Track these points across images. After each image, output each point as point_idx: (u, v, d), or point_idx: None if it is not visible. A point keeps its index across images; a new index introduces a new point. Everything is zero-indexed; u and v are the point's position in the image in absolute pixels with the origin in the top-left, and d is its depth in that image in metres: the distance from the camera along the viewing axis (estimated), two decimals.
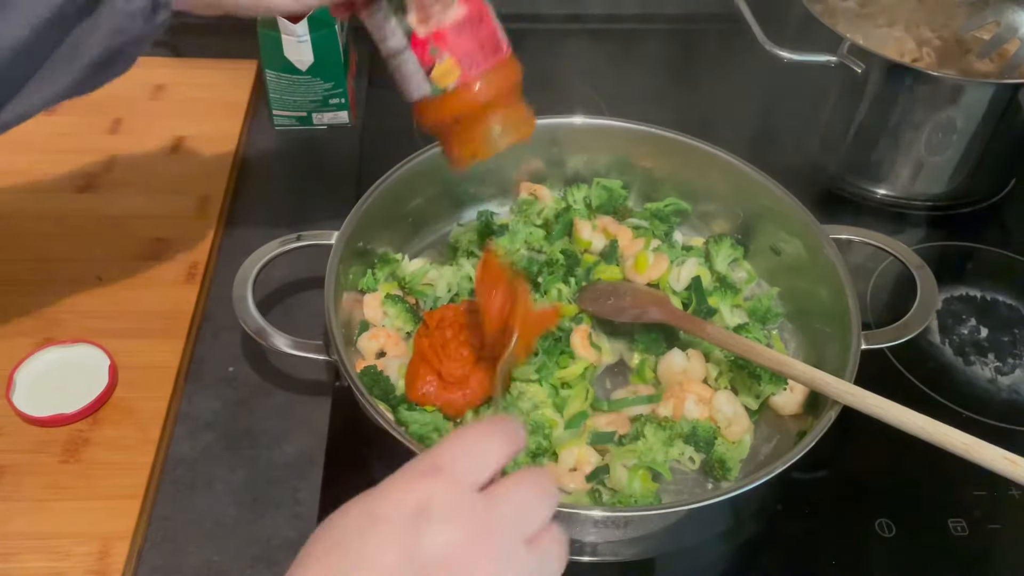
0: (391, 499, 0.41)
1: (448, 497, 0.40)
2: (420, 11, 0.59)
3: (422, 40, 0.59)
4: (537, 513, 0.44)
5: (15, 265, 0.85)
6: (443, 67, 0.59)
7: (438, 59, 0.59)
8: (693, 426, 0.74)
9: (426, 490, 0.40)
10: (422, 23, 0.59)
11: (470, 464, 0.43)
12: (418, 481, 0.41)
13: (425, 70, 0.60)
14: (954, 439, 0.62)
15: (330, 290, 0.74)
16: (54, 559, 0.65)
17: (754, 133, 1.11)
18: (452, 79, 0.60)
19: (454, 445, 0.43)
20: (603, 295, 0.84)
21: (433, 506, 0.40)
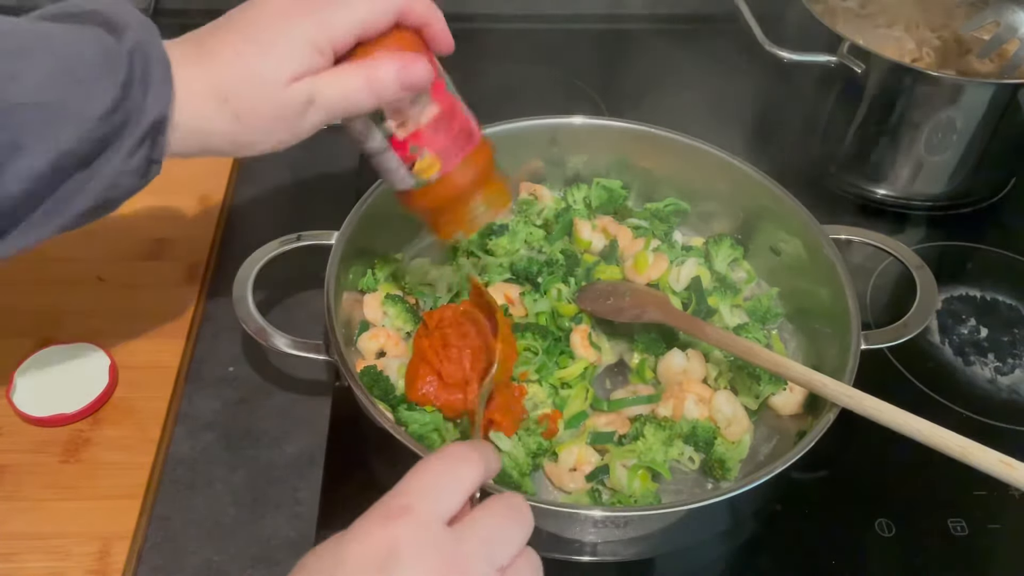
0: (360, 544, 0.41)
1: (416, 539, 0.41)
2: (397, 116, 0.61)
3: (402, 142, 0.62)
4: (508, 542, 0.44)
5: (15, 265, 0.84)
6: (424, 162, 0.62)
7: (419, 157, 0.62)
8: (693, 426, 0.74)
9: (393, 533, 0.41)
10: (400, 127, 0.61)
11: (438, 498, 0.43)
12: (386, 525, 0.41)
13: (407, 166, 0.63)
14: (950, 442, 0.62)
15: (330, 290, 0.74)
16: (54, 559, 0.65)
17: (754, 133, 1.11)
18: (434, 171, 0.63)
19: (422, 478, 0.44)
20: (603, 295, 0.84)
21: (401, 550, 0.40)
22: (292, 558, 0.67)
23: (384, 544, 0.40)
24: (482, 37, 1.21)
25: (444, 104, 0.62)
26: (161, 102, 0.54)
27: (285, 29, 0.56)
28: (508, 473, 0.70)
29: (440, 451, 0.46)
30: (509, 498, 0.45)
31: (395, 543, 0.40)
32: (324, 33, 0.56)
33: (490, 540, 0.43)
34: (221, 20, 0.59)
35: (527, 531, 0.45)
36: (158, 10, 1.17)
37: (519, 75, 1.16)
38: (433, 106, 0.61)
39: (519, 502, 0.45)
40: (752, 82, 1.12)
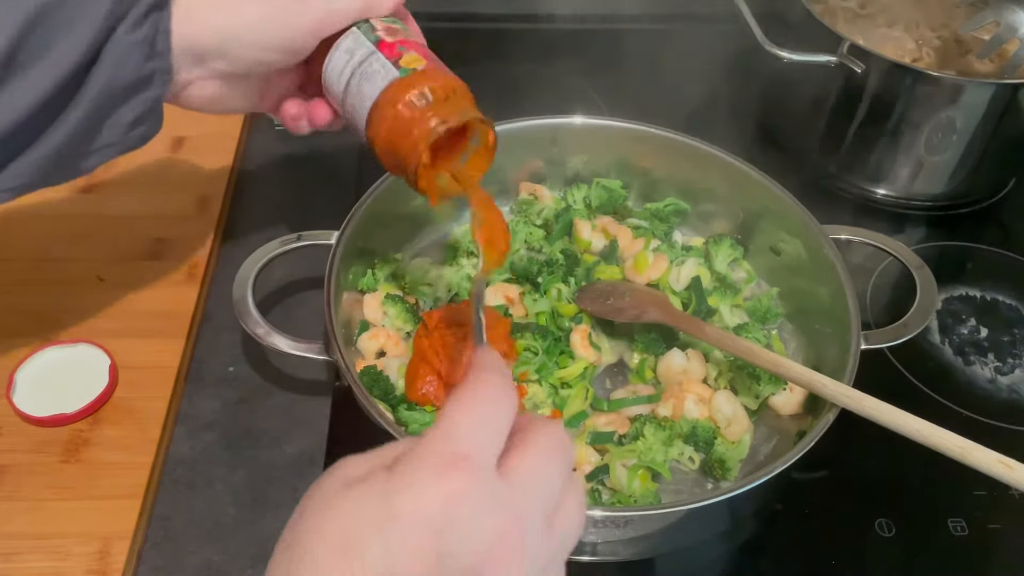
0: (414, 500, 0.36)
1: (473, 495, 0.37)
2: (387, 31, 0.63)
3: (390, 43, 0.62)
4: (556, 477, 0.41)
5: (15, 265, 0.85)
6: (410, 57, 0.62)
7: (405, 52, 0.62)
8: (693, 426, 0.74)
9: (451, 486, 0.36)
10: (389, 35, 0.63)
11: (489, 441, 0.39)
12: (442, 475, 0.37)
13: (392, 61, 0.62)
14: (949, 442, 0.62)
15: (330, 290, 0.74)
16: (54, 559, 0.65)
17: (754, 133, 1.11)
18: (420, 64, 0.62)
19: (471, 418, 0.40)
20: (602, 295, 0.84)
21: (459, 509, 0.36)
22: None
23: (440, 501, 0.36)
24: (482, 37, 1.21)
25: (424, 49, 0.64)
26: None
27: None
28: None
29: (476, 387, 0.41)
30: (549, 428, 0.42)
31: (452, 500, 0.36)
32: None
33: (539, 486, 0.40)
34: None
35: (570, 459, 0.42)
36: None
37: (519, 75, 1.16)
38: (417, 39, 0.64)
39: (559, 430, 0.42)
40: (752, 82, 1.12)
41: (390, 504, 0.36)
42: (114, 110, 0.60)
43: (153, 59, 0.59)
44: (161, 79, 0.60)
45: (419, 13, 0.71)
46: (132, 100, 0.60)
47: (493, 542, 0.37)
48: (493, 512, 0.37)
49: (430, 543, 0.35)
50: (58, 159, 0.59)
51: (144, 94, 0.60)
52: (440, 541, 0.36)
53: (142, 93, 0.60)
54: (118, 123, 0.61)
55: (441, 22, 1.20)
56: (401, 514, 0.36)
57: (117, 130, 0.61)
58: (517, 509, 0.38)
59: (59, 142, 0.58)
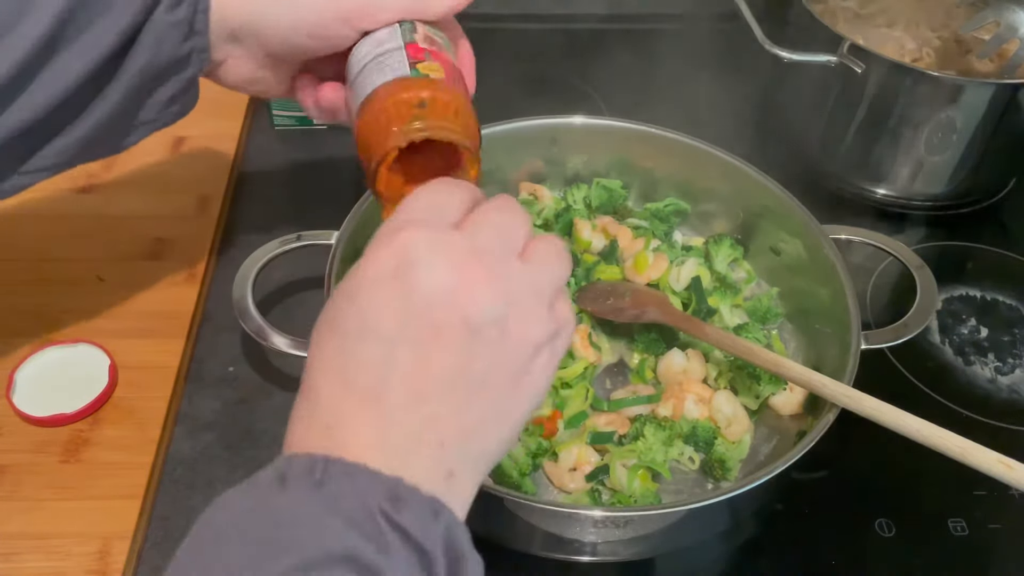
0: (371, 263, 0.40)
1: (426, 240, 0.40)
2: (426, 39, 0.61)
3: (421, 47, 0.60)
4: (518, 229, 0.43)
5: (15, 265, 0.85)
6: (432, 65, 0.59)
7: (428, 59, 0.60)
8: (693, 426, 0.74)
9: (403, 242, 0.40)
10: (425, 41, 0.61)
11: (441, 210, 0.42)
12: (392, 237, 0.40)
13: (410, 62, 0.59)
14: (949, 442, 0.62)
15: (330, 290, 0.74)
16: (54, 559, 0.65)
17: (754, 133, 1.11)
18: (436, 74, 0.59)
19: (419, 198, 0.43)
20: (602, 295, 0.84)
21: (414, 253, 0.39)
22: None
23: (395, 253, 0.39)
24: (482, 37, 1.21)
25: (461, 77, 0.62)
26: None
27: None
28: (508, 473, 0.70)
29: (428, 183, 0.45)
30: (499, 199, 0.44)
31: (406, 247, 0.39)
32: None
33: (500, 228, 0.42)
34: None
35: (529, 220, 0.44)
36: None
37: (519, 75, 1.16)
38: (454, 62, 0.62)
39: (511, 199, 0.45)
40: (752, 82, 1.12)
41: (355, 277, 0.41)
42: (153, 89, 0.60)
43: (191, 38, 0.59)
44: (199, 58, 0.60)
45: None
46: (171, 79, 0.60)
47: (454, 270, 0.39)
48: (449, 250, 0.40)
49: (391, 291, 0.39)
50: (96, 137, 0.59)
51: (182, 74, 0.60)
52: (401, 283, 0.39)
53: (180, 73, 0.60)
54: (156, 101, 0.61)
55: None
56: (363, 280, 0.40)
57: (154, 108, 0.61)
58: (473, 247, 0.40)
59: (98, 121, 0.58)
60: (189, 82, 0.62)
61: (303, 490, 0.37)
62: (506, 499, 0.62)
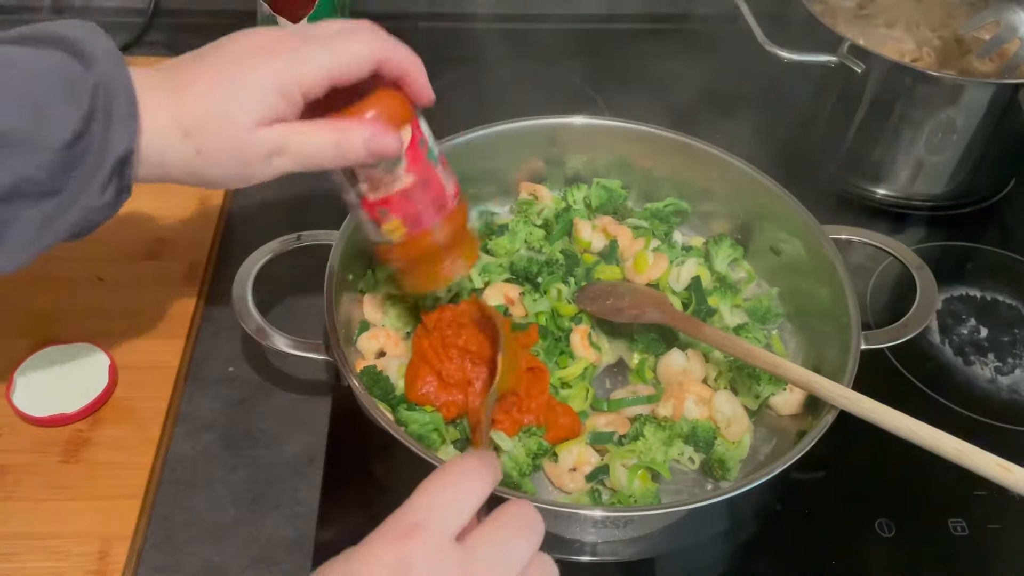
0: (369, 566, 0.40)
1: (426, 558, 0.40)
2: (369, 181, 0.63)
3: (371, 204, 0.64)
4: (518, 553, 0.43)
5: None
6: (391, 224, 0.64)
7: (385, 220, 0.64)
8: (693, 426, 0.74)
9: (404, 553, 0.40)
10: (371, 191, 0.63)
11: (449, 514, 0.42)
12: (396, 544, 0.41)
13: (375, 225, 0.65)
14: (947, 444, 0.62)
15: (330, 290, 0.74)
16: (54, 559, 0.65)
17: (754, 133, 1.11)
18: (399, 234, 0.65)
19: (431, 495, 0.43)
20: (602, 295, 0.84)
21: (411, 568, 0.40)
22: (292, 558, 0.68)
23: (394, 564, 0.40)
24: (482, 37, 1.21)
25: (419, 174, 0.63)
26: (126, 138, 0.54)
27: (256, 69, 0.55)
28: (508, 473, 0.70)
29: (448, 466, 0.45)
30: (517, 508, 0.45)
31: (406, 563, 0.40)
32: (294, 76, 0.55)
33: (500, 555, 0.42)
34: (196, 53, 0.59)
35: (537, 539, 0.44)
36: (158, 10, 1.17)
37: (519, 75, 1.16)
38: (407, 177, 0.63)
39: (528, 511, 0.45)
40: (752, 82, 1.12)
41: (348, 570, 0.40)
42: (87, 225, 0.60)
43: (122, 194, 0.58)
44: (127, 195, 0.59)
45: (419, 13, 0.71)
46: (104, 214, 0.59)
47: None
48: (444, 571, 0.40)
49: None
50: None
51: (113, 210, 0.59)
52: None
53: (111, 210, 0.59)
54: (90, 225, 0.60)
55: (441, 22, 1.21)
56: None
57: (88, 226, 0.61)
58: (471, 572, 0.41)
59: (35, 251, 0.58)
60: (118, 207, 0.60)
61: None
62: (506, 499, 0.62)
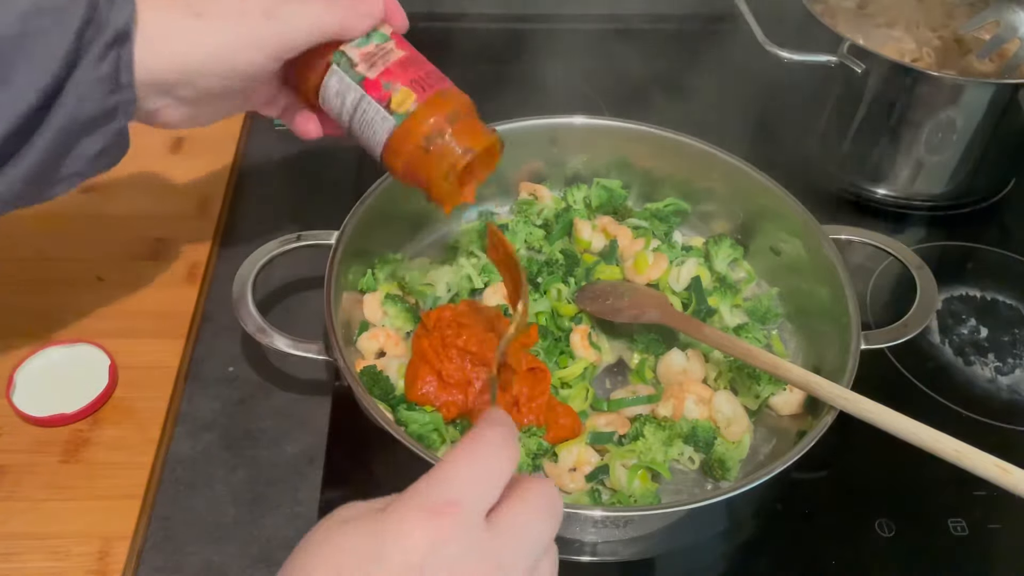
0: (400, 540, 0.38)
1: (459, 541, 0.39)
2: (365, 61, 0.65)
3: (374, 80, 0.64)
4: (543, 536, 0.43)
5: (15, 265, 0.85)
6: (399, 96, 0.64)
7: (393, 92, 0.64)
8: (693, 426, 0.74)
9: (436, 534, 0.38)
10: (370, 68, 0.65)
11: (482, 491, 0.41)
12: (429, 522, 0.39)
13: (384, 105, 0.64)
14: (946, 445, 0.62)
15: (330, 290, 0.74)
16: (54, 559, 0.65)
17: (754, 133, 1.11)
18: (410, 102, 0.64)
19: (468, 469, 0.41)
20: (602, 295, 0.84)
21: (444, 554, 0.38)
22: None
23: (427, 543, 0.38)
24: (482, 37, 1.21)
25: (409, 50, 0.66)
26: (124, 13, 0.56)
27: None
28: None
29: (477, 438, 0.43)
30: (542, 487, 0.43)
31: (438, 544, 0.38)
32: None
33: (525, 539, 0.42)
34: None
35: (558, 523, 0.44)
36: None
37: (519, 75, 1.16)
38: (398, 51, 0.66)
39: (553, 492, 0.44)
40: (752, 82, 1.12)
41: (378, 544, 0.38)
42: (78, 142, 0.59)
43: (117, 92, 0.58)
44: (125, 111, 0.60)
45: (418, 13, 0.71)
46: (96, 132, 0.60)
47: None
48: (476, 560, 0.39)
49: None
50: (21, 190, 0.59)
51: (109, 126, 0.60)
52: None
53: (106, 125, 0.60)
54: (83, 154, 0.60)
55: (440, 22, 1.21)
56: (386, 555, 0.38)
57: (82, 160, 0.61)
58: (500, 560, 0.40)
59: (22, 174, 0.58)
60: (117, 134, 0.61)
61: None
62: None
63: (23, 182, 0.58)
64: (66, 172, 0.61)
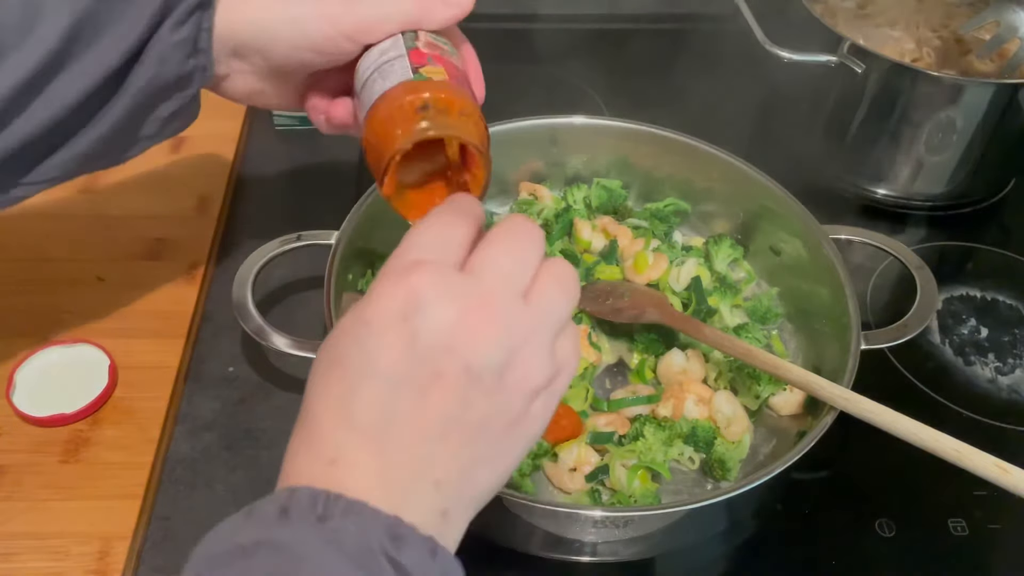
0: (380, 303, 0.40)
1: (433, 283, 0.40)
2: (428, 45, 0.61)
3: (422, 52, 0.60)
4: (525, 264, 0.43)
5: (15, 265, 0.85)
6: (434, 68, 0.60)
7: (430, 63, 0.60)
8: (693, 426, 0.74)
9: (411, 284, 0.40)
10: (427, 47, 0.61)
11: (447, 247, 0.42)
12: (401, 278, 0.40)
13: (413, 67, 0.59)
14: (946, 445, 0.62)
15: (330, 290, 0.74)
16: (54, 559, 0.65)
17: (754, 133, 1.11)
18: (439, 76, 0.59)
19: (424, 234, 0.43)
20: (601, 295, 0.84)
21: (421, 296, 0.39)
22: None
23: (403, 295, 0.40)
24: (482, 37, 1.21)
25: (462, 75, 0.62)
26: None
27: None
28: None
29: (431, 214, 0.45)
30: (508, 222, 0.44)
31: (414, 291, 0.40)
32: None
33: (505, 267, 0.42)
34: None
35: (539, 243, 0.44)
36: None
37: (519, 75, 1.16)
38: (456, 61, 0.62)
39: (520, 220, 0.45)
40: (752, 82, 1.12)
41: (360, 314, 0.41)
42: (155, 105, 0.60)
43: (195, 56, 0.59)
44: (202, 75, 0.60)
45: None
46: (173, 96, 0.60)
47: (459, 317, 0.40)
48: (455, 295, 0.40)
49: (397, 333, 0.39)
50: (98, 151, 0.59)
51: (185, 91, 0.60)
52: (407, 327, 0.39)
53: (184, 90, 0.60)
54: (158, 117, 0.61)
55: None
56: (369, 318, 0.40)
57: (156, 123, 0.61)
58: (484, 291, 0.41)
59: (100, 136, 0.58)
60: (191, 98, 0.62)
61: (306, 525, 0.37)
62: (506, 499, 0.62)
63: (102, 142, 0.59)
64: (142, 135, 0.61)
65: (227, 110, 1.04)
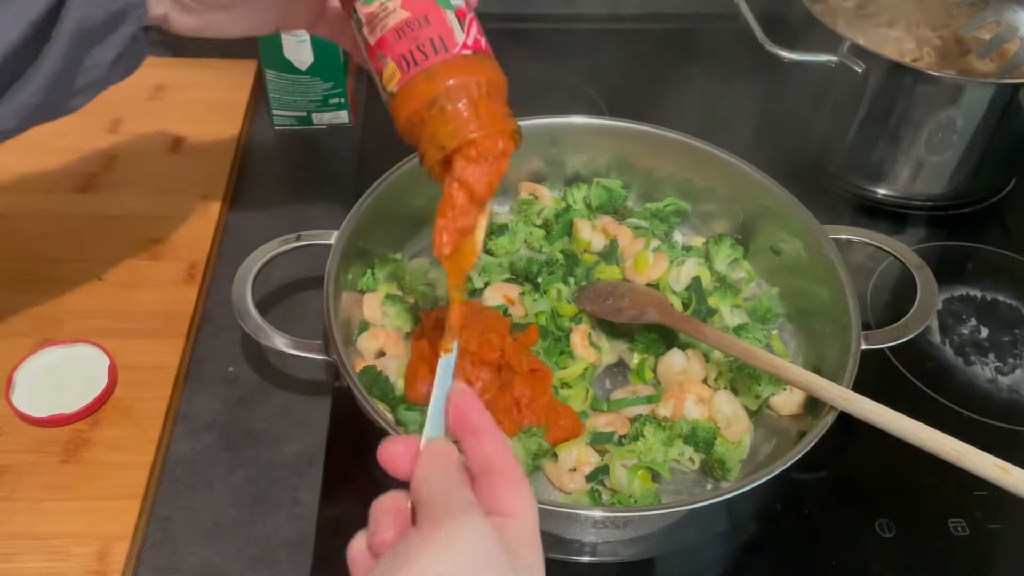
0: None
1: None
2: (368, 23, 0.60)
3: (372, 48, 0.60)
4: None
5: (15, 265, 0.85)
6: (388, 71, 0.59)
7: (384, 65, 0.60)
8: (693, 426, 0.74)
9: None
10: (371, 33, 0.60)
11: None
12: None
13: (379, 78, 0.60)
14: (946, 445, 0.62)
15: (330, 290, 0.74)
16: (54, 559, 0.65)
17: (754, 133, 1.11)
18: (395, 82, 0.59)
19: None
20: (602, 295, 0.84)
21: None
22: (292, 558, 0.68)
23: None
24: None
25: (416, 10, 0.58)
26: None
27: None
28: None
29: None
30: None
31: None
32: None
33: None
34: None
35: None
36: None
37: (520, 75, 1.16)
38: (401, 11, 0.58)
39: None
40: (752, 82, 1.12)
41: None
42: (90, 49, 0.59)
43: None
44: (135, 13, 0.59)
45: None
46: (109, 38, 0.59)
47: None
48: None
49: None
50: (41, 102, 0.59)
51: (120, 31, 0.59)
52: None
53: (117, 30, 0.59)
54: (98, 62, 0.60)
55: None
56: None
57: (99, 69, 0.60)
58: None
59: (40, 85, 0.57)
60: (130, 40, 0.60)
61: None
62: None
63: (45, 90, 0.58)
64: (83, 81, 0.60)
65: (227, 110, 1.05)
